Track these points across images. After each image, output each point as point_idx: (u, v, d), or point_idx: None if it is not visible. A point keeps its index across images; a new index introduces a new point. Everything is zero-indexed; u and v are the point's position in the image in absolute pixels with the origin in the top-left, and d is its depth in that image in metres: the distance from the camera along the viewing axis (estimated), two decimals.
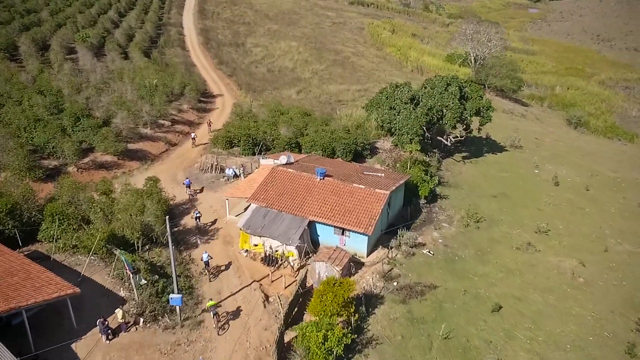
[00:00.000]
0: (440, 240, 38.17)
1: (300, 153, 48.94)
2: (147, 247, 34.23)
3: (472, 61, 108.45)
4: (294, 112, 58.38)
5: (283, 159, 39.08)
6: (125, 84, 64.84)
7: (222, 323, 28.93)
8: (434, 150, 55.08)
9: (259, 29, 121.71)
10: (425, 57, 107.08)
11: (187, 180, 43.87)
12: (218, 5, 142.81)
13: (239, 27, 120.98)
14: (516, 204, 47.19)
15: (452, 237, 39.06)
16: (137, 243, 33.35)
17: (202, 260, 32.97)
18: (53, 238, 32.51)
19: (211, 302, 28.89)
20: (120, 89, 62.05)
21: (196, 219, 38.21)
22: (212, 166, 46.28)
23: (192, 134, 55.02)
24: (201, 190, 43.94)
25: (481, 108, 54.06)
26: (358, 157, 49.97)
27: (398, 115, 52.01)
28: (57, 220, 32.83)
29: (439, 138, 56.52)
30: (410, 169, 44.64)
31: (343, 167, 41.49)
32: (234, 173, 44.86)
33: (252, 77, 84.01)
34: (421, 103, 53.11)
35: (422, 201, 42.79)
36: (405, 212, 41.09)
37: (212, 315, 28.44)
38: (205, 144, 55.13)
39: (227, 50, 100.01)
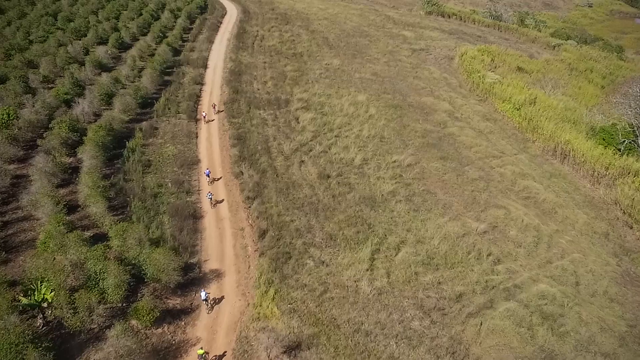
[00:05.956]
0: None
1: None
2: None
3: None
4: None
5: None
6: None
7: None
8: None
9: (314, 65, 79.18)
10: (566, 134, 61.47)
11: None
12: (265, 24, 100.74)
13: (287, 63, 78.77)
14: None
15: None
16: None
17: None
18: None
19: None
20: None
21: None
22: None
23: None
24: None
25: None
26: None
27: None
28: None
29: None
30: None
31: None
32: None
33: (291, 201, 42.30)
34: None
35: None
36: None
37: None
38: None
39: (261, 116, 58.44)
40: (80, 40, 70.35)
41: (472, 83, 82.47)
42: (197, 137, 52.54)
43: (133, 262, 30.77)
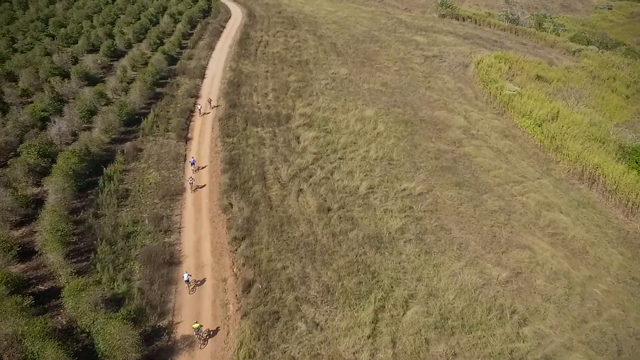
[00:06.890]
0: None
1: None
2: None
3: None
4: None
5: None
6: None
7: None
8: None
9: (320, 75, 73.23)
10: (595, 156, 54.85)
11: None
12: (270, 28, 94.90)
13: (290, 73, 72.89)
14: None
15: None
16: None
17: None
18: None
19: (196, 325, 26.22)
20: None
21: None
22: None
23: None
24: None
25: None
26: None
27: None
28: None
29: None
30: None
31: None
32: None
33: (284, 241, 36.55)
34: None
35: None
36: None
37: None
38: None
39: (258, 135, 52.77)
40: (70, 47, 65.04)
41: (488, 94, 75.90)
42: (185, 160, 46.92)
43: (86, 330, 25.28)
